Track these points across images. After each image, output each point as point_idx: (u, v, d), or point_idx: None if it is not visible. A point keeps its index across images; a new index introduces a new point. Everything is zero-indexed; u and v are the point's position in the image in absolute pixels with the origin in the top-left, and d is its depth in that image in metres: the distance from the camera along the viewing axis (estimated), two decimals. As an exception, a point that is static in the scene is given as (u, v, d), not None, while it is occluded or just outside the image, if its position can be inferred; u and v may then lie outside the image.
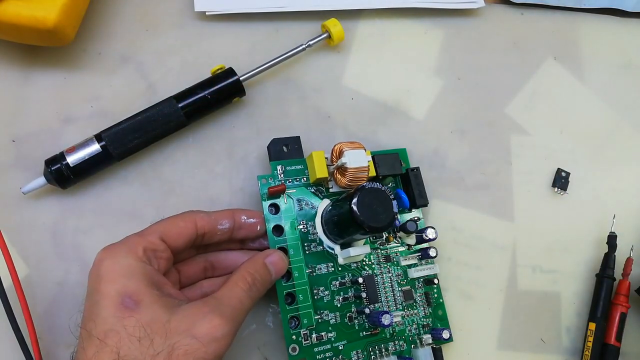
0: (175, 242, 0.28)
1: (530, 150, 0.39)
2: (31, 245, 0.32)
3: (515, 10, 0.42)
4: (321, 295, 0.32)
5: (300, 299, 0.31)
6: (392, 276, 0.34)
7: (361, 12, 0.40)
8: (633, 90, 0.42)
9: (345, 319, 0.32)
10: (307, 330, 0.31)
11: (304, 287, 0.31)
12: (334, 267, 0.32)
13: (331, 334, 0.31)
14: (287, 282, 0.31)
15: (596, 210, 0.39)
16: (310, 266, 0.32)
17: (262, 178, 0.32)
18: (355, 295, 0.32)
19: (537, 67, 0.41)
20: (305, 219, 0.33)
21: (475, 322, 0.36)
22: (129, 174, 0.34)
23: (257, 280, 0.28)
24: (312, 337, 0.31)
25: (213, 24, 0.38)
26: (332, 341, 0.31)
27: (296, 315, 0.31)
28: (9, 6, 0.29)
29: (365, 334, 0.32)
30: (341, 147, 0.32)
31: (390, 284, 0.34)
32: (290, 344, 0.30)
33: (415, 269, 0.34)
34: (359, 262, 0.33)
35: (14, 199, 0.33)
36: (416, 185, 0.34)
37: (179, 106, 0.33)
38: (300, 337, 0.31)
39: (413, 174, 0.34)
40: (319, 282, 0.32)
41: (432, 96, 0.39)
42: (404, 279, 0.34)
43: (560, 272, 0.37)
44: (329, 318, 0.32)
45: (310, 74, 0.38)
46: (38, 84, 0.35)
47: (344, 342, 0.32)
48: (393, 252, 0.34)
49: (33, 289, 0.31)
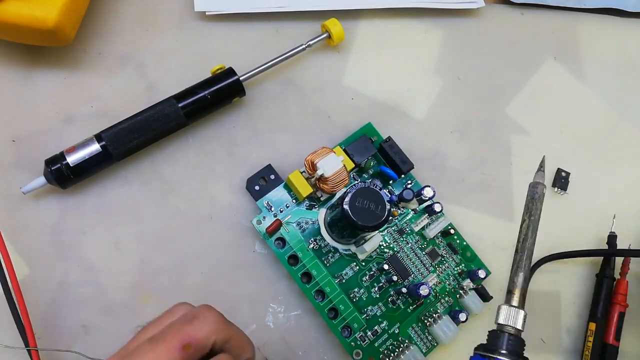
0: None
1: (530, 150, 0.39)
2: (31, 245, 0.32)
3: (515, 10, 0.42)
4: (359, 296, 0.33)
5: (342, 309, 0.32)
6: (412, 245, 0.35)
7: (361, 12, 0.40)
8: (633, 90, 0.42)
9: (389, 304, 0.33)
10: (361, 333, 0.32)
11: (340, 297, 0.32)
12: (358, 265, 0.33)
13: (383, 324, 0.33)
14: (323, 301, 0.32)
15: (596, 210, 0.39)
16: (336, 275, 0.33)
17: (256, 220, 0.33)
18: (387, 280, 0.33)
19: (537, 67, 0.41)
20: (313, 236, 0.33)
21: (476, 322, 0.36)
22: (129, 174, 0.34)
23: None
24: (368, 335, 0.32)
25: (213, 24, 0.38)
26: (387, 330, 0.33)
27: (345, 325, 0.32)
28: (9, 6, 0.29)
29: (412, 309, 0.33)
30: (311, 159, 0.32)
31: (414, 253, 0.35)
32: (353, 351, 0.32)
33: (429, 229, 0.35)
34: (378, 249, 0.34)
35: (14, 199, 0.33)
36: (395, 154, 0.35)
37: (179, 106, 0.33)
38: (357, 341, 0.32)
39: (387, 145, 0.35)
40: (351, 285, 0.33)
41: (432, 96, 0.39)
42: (423, 243, 0.35)
43: (560, 272, 0.37)
44: (375, 311, 0.33)
45: (310, 74, 0.38)
46: (38, 84, 0.35)
47: (396, 325, 0.33)
48: (403, 223, 0.35)
49: (33, 289, 0.31)
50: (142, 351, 0.21)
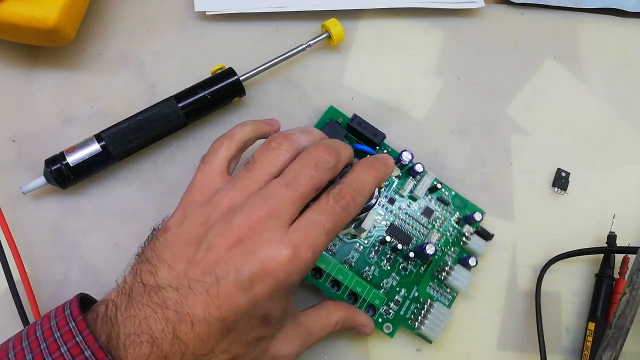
0: None
1: (530, 150, 0.39)
2: (31, 245, 0.32)
3: (515, 10, 0.42)
4: (371, 274, 0.34)
5: (360, 290, 0.33)
6: (406, 210, 0.35)
7: (361, 12, 0.40)
8: (633, 90, 0.42)
9: (401, 272, 0.34)
10: (384, 307, 0.33)
11: (355, 281, 0.33)
12: (362, 245, 0.34)
13: (401, 292, 0.34)
14: (340, 289, 0.32)
15: (596, 210, 0.39)
16: (345, 261, 0.33)
17: None
18: (393, 250, 0.34)
19: (537, 67, 0.41)
20: None
21: (475, 322, 0.36)
22: (129, 174, 0.34)
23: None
24: (391, 307, 0.33)
25: (213, 24, 0.38)
26: (407, 296, 0.34)
27: (368, 305, 0.33)
28: (9, 6, 0.29)
29: (424, 269, 0.35)
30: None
31: (410, 217, 0.35)
32: (383, 326, 0.33)
33: (417, 190, 0.35)
34: (375, 223, 0.35)
35: (14, 199, 0.33)
36: (365, 129, 0.35)
37: (179, 106, 0.33)
38: (383, 315, 0.33)
39: (355, 123, 0.35)
40: (360, 265, 0.34)
41: (432, 96, 0.39)
42: (415, 204, 0.36)
43: (560, 272, 0.37)
44: (390, 283, 0.34)
45: (310, 74, 0.38)
46: (38, 84, 0.35)
47: (414, 289, 0.34)
48: (391, 192, 0.35)
49: (33, 289, 0.31)
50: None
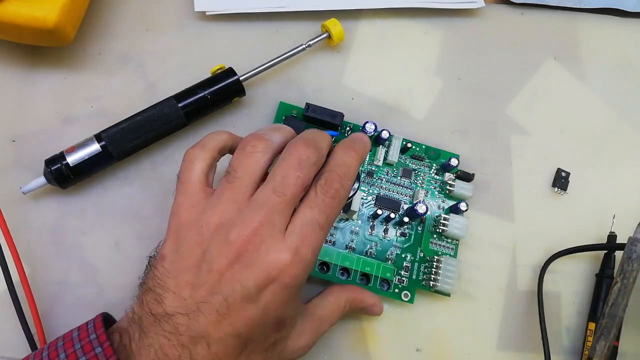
0: None
1: (530, 150, 0.39)
2: (31, 245, 0.32)
3: (515, 10, 0.42)
4: (374, 250, 0.34)
5: (369, 270, 0.33)
6: (386, 178, 0.36)
7: (361, 12, 0.40)
8: (633, 90, 0.42)
9: (401, 238, 0.35)
10: (396, 277, 0.34)
11: (362, 262, 0.33)
12: (356, 225, 0.34)
13: (407, 257, 0.35)
14: (350, 276, 0.33)
15: (596, 210, 0.39)
16: (347, 247, 0.34)
17: None
18: (386, 220, 0.34)
19: (537, 67, 0.41)
20: None
21: (475, 322, 0.36)
22: (129, 174, 0.34)
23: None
24: (403, 274, 0.34)
25: (213, 24, 0.38)
26: (413, 259, 0.35)
27: (381, 281, 0.34)
28: (9, 6, 0.29)
29: (421, 229, 0.35)
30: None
31: (392, 183, 0.36)
32: (401, 294, 0.34)
33: (390, 156, 0.36)
34: (363, 201, 0.35)
35: (14, 199, 0.33)
36: (322, 115, 0.35)
37: (179, 106, 0.33)
38: (398, 285, 0.34)
39: (311, 111, 0.35)
40: (363, 246, 0.34)
41: (432, 96, 0.39)
42: (393, 170, 0.36)
43: (560, 272, 0.37)
44: (395, 251, 0.35)
45: (310, 74, 0.38)
46: (38, 84, 0.35)
47: (418, 250, 0.35)
48: (367, 167, 0.36)
49: (33, 290, 0.31)
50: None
